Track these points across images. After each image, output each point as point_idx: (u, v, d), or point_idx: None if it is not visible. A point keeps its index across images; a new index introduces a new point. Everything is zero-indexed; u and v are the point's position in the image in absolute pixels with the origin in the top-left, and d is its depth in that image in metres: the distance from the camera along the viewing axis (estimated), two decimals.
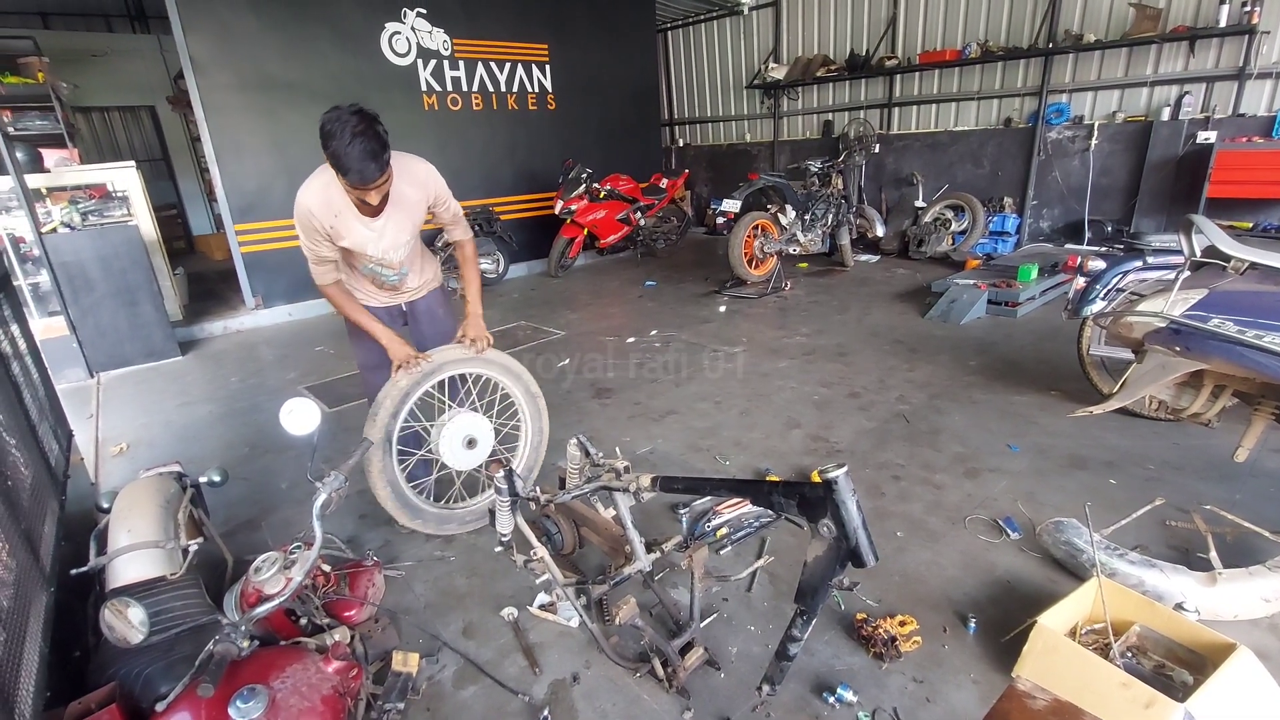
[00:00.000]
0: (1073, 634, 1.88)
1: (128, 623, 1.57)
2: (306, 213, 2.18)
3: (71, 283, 4.78)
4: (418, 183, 2.34)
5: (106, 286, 4.92)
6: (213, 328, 6.15)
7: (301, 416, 1.80)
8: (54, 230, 4.84)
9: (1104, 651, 1.77)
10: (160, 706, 1.41)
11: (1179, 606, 1.93)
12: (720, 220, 6.48)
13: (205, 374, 5.03)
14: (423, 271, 2.65)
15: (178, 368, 5.20)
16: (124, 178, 5.65)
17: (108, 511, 2.06)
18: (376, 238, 2.31)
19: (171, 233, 9.46)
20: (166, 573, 1.83)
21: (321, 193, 2.17)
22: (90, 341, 4.94)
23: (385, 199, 2.22)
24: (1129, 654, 1.84)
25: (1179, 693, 1.59)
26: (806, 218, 6.62)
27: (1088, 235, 6.78)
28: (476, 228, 7.01)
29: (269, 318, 6.39)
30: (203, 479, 2.29)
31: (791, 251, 6.63)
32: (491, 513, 2.29)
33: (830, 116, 8.71)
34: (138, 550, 1.86)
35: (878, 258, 7.58)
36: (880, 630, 1.97)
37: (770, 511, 2.69)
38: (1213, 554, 2.07)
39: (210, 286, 7.55)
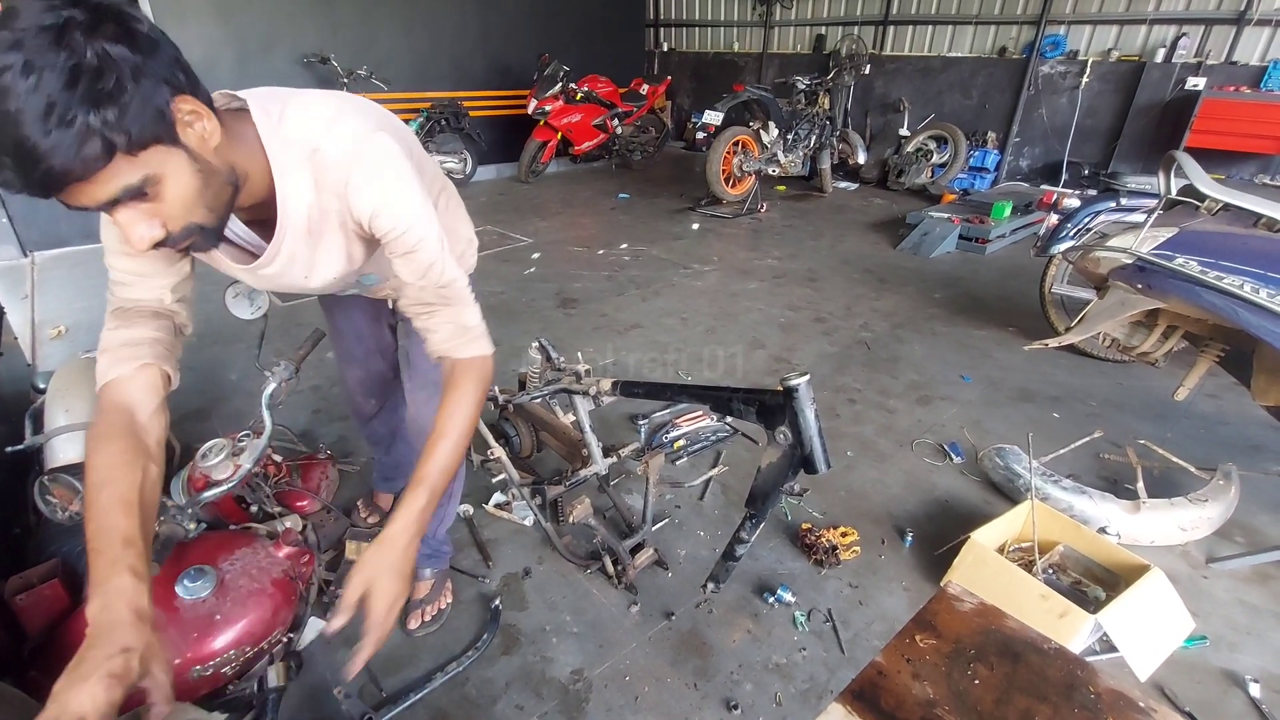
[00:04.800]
0: (1002, 550, 1.99)
1: (67, 497, 1.53)
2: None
3: None
4: (335, 187, 1.00)
5: None
6: None
7: (248, 299, 1.71)
8: None
9: (1029, 567, 1.88)
10: None
11: (1102, 530, 2.05)
12: (700, 135, 6.23)
13: None
14: None
15: None
16: None
17: (44, 392, 1.97)
18: (273, 280, 1.15)
19: None
20: None
21: None
22: (22, 218, 4.59)
23: (271, 218, 1.03)
24: (1050, 570, 1.97)
25: (1092, 606, 1.71)
26: (789, 137, 6.42)
27: (1064, 177, 6.77)
28: (444, 122, 6.56)
29: None
30: None
31: (771, 172, 6.47)
32: None
33: (823, 30, 8.31)
34: (78, 431, 1.80)
35: (856, 185, 7.48)
36: (823, 539, 2.06)
37: (727, 428, 2.74)
38: (1140, 485, 2.19)
39: None
